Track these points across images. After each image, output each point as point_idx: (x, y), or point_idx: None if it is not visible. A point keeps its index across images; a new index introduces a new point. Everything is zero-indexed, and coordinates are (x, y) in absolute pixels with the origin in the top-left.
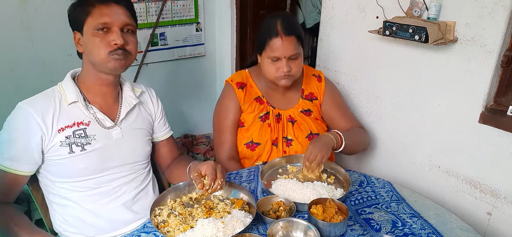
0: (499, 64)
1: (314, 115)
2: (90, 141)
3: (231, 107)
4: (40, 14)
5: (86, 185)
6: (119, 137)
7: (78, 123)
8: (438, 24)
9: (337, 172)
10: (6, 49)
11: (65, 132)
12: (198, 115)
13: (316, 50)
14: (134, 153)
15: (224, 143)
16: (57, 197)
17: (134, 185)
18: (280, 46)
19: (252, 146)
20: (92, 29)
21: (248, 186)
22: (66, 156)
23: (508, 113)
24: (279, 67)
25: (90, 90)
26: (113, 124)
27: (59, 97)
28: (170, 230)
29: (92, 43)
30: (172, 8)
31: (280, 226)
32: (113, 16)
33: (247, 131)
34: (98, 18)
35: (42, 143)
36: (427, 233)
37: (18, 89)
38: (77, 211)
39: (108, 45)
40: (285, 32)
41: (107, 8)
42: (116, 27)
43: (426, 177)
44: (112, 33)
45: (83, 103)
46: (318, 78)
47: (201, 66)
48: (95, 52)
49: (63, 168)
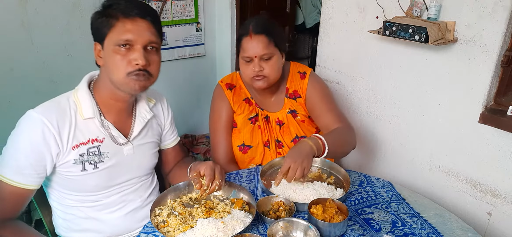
0: (499, 64)
1: (300, 116)
2: (103, 158)
3: (222, 107)
4: (40, 14)
5: (92, 198)
6: (130, 153)
7: (93, 140)
8: (438, 24)
9: (337, 172)
10: (6, 49)
11: (79, 150)
12: (198, 115)
13: (316, 50)
14: (141, 167)
15: (219, 144)
16: (61, 205)
17: (139, 194)
18: (250, 46)
19: (244, 149)
20: (113, 44)
21: (248, 186)
22: (78, 174)
23: (508, 113)
24: (252, 67)
25: (106, 104)
26: (126, 141)
27: (74, 108)
28: (170, 230)
29: (112, 60)
30: (172, 8)
31: (280, 226)
32: (137, 33)
33: (239, 133)
34: (120, 33)
35: (56, 158)
36: (427, 233)
37: (18, 89)
38: (82, 219)
39: (128, 65)
40: (254, 31)
41: (131, 23)
42: (139, 45)
43: (426, 177)
44: (134, 51)
45: (99, 119)
46: (302, 75)
47: (201, 66)
48: (115, 70)
49: (72, 183)
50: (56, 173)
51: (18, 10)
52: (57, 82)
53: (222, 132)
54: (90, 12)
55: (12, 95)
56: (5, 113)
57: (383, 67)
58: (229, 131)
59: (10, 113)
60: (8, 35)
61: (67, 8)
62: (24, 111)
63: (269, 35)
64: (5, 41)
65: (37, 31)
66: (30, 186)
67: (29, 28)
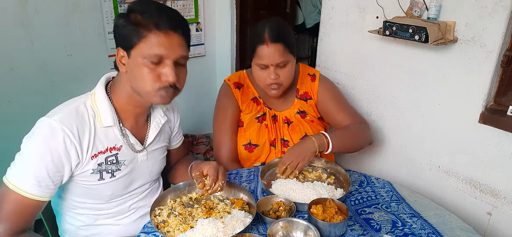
0: (499, 64)
1: (310, 117)
2: (120, 166)
3: (229, 106)
4: (40, 14)
5: (105, 206)
6: (143, 159)
7: (111, 148)
8: (438, 24)
9: (337, 172)
10: (6, 49)
11: (98, 159)
12: (198, 115)
13: (316, 50)
14: (152, 173)
15: (223, 143)
16: (70, 210)
17: (148, 200)
18: (267, 54)
19: (250, 148)
20: (142, 56)
21: (248, 186)
22: (96, 183)
23: (508, 113)
24: (267, 74)
25: (124, 110)
26: (142, 148)
27: (92, 115)
28: (170, 230)
29: (140, 72)
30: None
31: (280, 226)
32: (169, 48)
33: (245, 132)
34: (152, 47)
35: (75, 168)
36: (427, 233)
37: (18, 89)
38: (91, 226)
39: (158, 80)
40: (271, 39)
41: (165, 37)
42: (170, 60)
43: (426, 177)
44: (164, 66)
45: (119, 127)
46: (312, 77)
47: (201, 66)
48: (141, 83)
49: (88, 191)
50: (72, 181)
51: (18, 10)
52: (57, 82)
53: (227, 130)
54: (90, 12)
55: (12, 95)
56: (5, 113)
57: (383, 67)
58: (234, 130)
59: (10, 113)
60: (8, 35)
61: (67, 8)
62: (24, 111)
63: (285, 43)
64: (5, 41)
65: (37, 31)
66: (45, 198)
67: (29, 28)
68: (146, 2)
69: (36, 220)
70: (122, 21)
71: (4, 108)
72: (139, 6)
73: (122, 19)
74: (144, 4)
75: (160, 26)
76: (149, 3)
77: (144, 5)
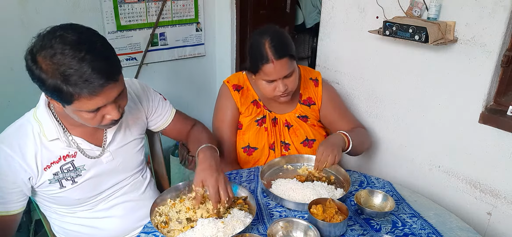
0: (499, 64)
1: (311, 121)
2: (80, 172)
3: (228, 107)
4: (40, 14)
5: (81, 208)
6: (109, 160)
7: (64, 156)
8: (438, 24)
9: (337, 172)
10: (6, 49)
11: (52, 169)
12: (198, 115)
13: (316, 50)
14: (127, 168)
15: (223, 144)
16: (55, 214)
17: (133, 193)
18: (273, 71)
19: (249, 150)
20: (79, 109)
21: (248, 186)
22: (58, 191)
23: (508, 113)
24: (275, 86)
25: (69, 122)
26: (101, 151)
27: (37, 130)
28: (170, 230)
29: (81, 117)
30: (172, 8)
31: (280, 226)
32: (106, 99)
33: (243, 135)
34: (87, 105)
35: (30, 181)
36: (427, 233)
37: (18, 89)
38: (77, 225)
39: (101, 120)
40: (276, 57)
41: (100, 95)
42: (110, 103)
43: (426, 177)
44: (105, 108)
45: (64, 138)
46: (315, 82)
47: (201, 66)
48: (85, 122)
49: (57, 200)
50: (38, 193)
51: (18, 10)
52: None
53: (226, 132)
54: (90, 12)
55: (12, 94)
56: (5, 113)
57: (383, 67)
58: (233, 131)
59: (10, 113)
60: (8, 35)
61: (67, 8)
62: (24, 111)
63: (289, 55)
64: (5, 41)
65: (37, 31)
66: (14, 211)
67: (29, 28)
68: (63, 54)
69: (36, 220)
70: (44, 76)
71: (4, 108)
72: (59, 65)
73: (44, 74)
74: (64, 62)
75: (94, 91)
76: (64, 54)
77: (65, 64)
